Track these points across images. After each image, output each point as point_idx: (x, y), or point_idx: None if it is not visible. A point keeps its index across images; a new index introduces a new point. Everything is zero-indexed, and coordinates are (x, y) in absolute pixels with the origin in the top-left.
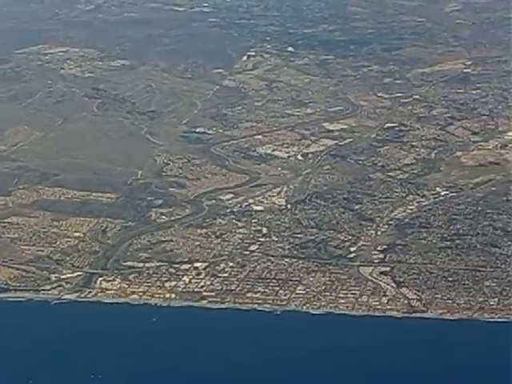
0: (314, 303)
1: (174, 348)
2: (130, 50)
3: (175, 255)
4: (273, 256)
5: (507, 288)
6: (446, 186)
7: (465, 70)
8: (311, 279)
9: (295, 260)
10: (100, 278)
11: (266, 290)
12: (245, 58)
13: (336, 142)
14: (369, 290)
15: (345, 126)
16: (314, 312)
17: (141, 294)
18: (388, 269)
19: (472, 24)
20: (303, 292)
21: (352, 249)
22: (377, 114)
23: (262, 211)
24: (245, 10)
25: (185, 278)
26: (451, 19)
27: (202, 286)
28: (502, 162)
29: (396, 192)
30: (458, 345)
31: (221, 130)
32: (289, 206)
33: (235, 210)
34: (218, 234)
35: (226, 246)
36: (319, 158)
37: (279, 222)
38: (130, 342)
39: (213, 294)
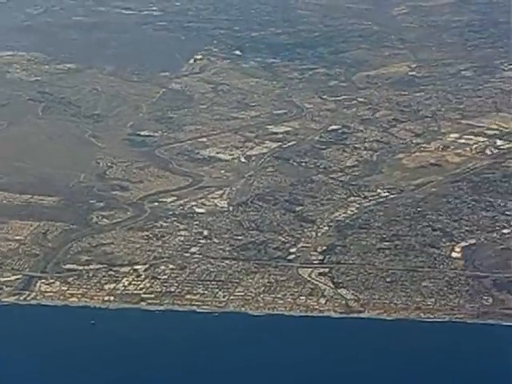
0: (253, 304)
1: (111, 350)
2: (77, 53)
3: (115, 258)
4: (213, 258)
5: (444, 288)
6: (387, 188)
7: (410, 73)
8: (250, 281)
9: (235, 262)
10: (40, 281)
11: (206, 292)
12: (192, 61)
13: (280, 144)
14: (307, 290)
15: (289, 129)
16: (252, 313)
17: (80, 296)
18: (327, 270)
19: (418, 27)
20: (242, 293)
21: (292, 250)
22: (321, 117)
23: (203, 213)
24: (193, 13)
25: (124, 280)
26: (398, 22)
27: (141, 288)
28: (443, 164)
29: (337, 194)
30: (392, 345)
31: (165, 133)
32: (230, 208)
33: (177, 212)
34: (158, 236)
35: (166, 249)
36: (262, 160)
37: (220, 224)
38: (68, 344)
39: (152, 296)
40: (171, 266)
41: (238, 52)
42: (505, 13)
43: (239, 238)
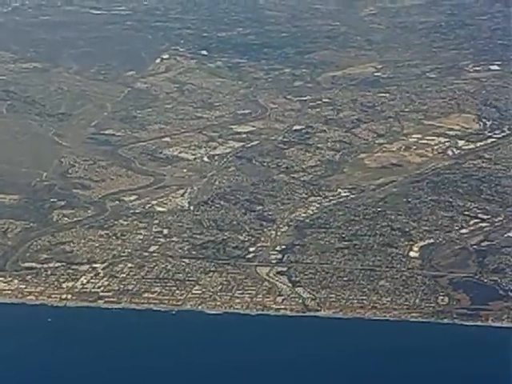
0: (210, 303)
1: (67, 348)
2: (44, 52)
3: (74, 256)
4: (172, 257)
5: (401, 287)
6: (348, 188)
7: (375, 74)
8: (208, 279)
9: (194, 260)
10: None
11: (163, 290)
12: (158, 60)
13: (243, 144)
14: (264, 289)
15: (253, 129)
16: (209, 312)
17: (37, 294)
18: (285, 269)
19: (386, 28)
20: (199, 292)
21: (251, 249)
22: (285, 117)
23: (164, 212)
24: (161, 13)
25: (82, 278)
26: (365, 23)
27: (99, 287)
28: (405, 164)
29: (298, 193)
30: (347, 343)
31: (129, 132)
32: (191, 208)
33: (138, 211)
34: (118, 235)
35: (126, 247)
36: (225, 159)
37: (180, 223)
38: (24, 342)
39: (110, 294)
40: (130, 265)
41: (204, 52)
42: (471, 15)
43: (199, 236)
